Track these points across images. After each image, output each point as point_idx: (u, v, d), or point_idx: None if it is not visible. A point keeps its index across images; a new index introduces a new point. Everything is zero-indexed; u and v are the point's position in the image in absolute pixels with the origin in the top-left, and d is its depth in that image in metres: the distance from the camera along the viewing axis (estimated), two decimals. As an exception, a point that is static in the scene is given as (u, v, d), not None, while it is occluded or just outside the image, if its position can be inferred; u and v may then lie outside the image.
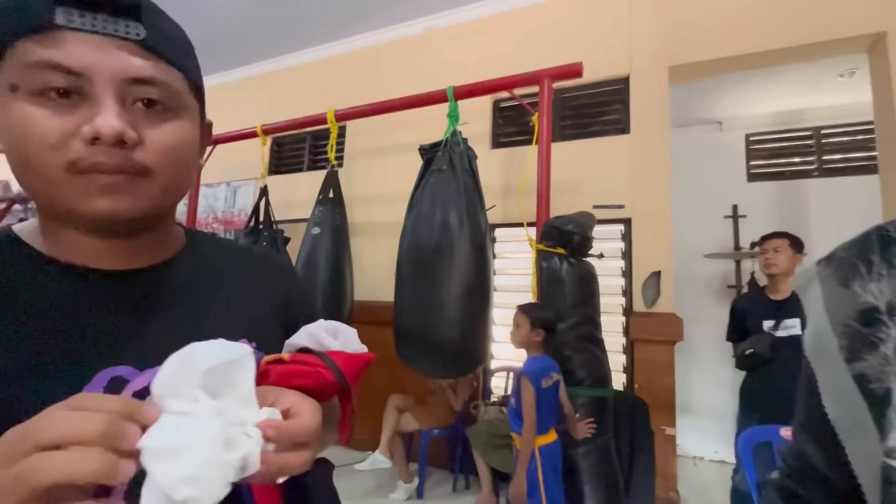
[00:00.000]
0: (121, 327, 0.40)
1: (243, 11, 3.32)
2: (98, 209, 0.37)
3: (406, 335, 2.01)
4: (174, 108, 0.40)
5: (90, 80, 0.36)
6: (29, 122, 0.35)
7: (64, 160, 0.35)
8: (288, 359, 0.41)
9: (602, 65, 2.69)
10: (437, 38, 3.26)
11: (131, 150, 0.37)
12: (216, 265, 0.50)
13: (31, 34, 0.35)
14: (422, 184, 2.06)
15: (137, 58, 0.37)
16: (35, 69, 0.35)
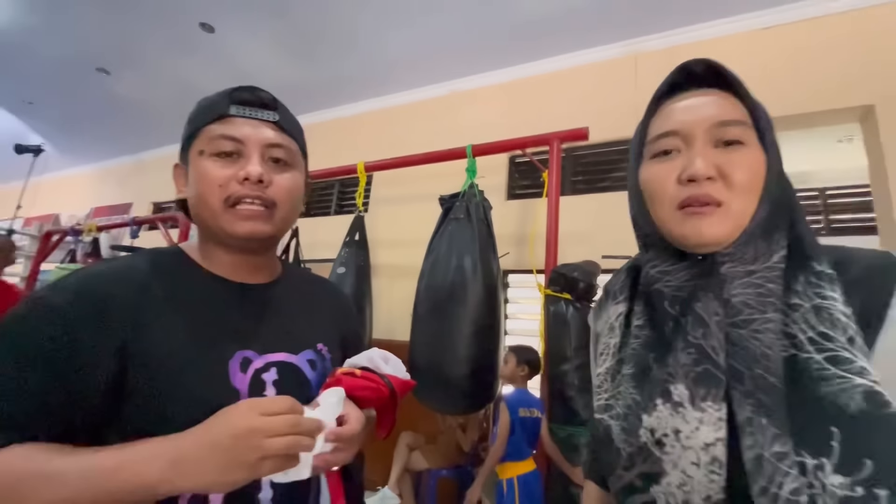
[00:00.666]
0: (245, 323, 0.59)
1: (287, 74, 3.73)
2: (242, 230, 0.57)
3: (420, 371, 2.13)
4: (291, 164, 0.62)
5: (245, 145, 0.58)
6: (207, 171, 0.57)
7: (224, 195, 0.56)
8: (359, 374, 0.59)
9: (610, 127, 2.92)
10: (459, 100, 3.59)
11: (265, 187, 0.57)
12: (302, 288, 0.69)
13: (215, 120, 0.58)
14: (440, 231, 2.25)
15: (272, 132, 0.60)
16: (215, 140, 0.57)
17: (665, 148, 0.48)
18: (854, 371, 0.37)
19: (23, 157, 4.64)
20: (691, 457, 0.42)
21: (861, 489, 0.34)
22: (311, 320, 0.66)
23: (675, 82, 0.51)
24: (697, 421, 0.42)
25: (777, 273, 0.43)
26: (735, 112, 0.46)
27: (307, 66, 3.61)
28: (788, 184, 0.48)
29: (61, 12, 3.27)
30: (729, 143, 0.45)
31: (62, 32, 3.51)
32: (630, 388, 0.49)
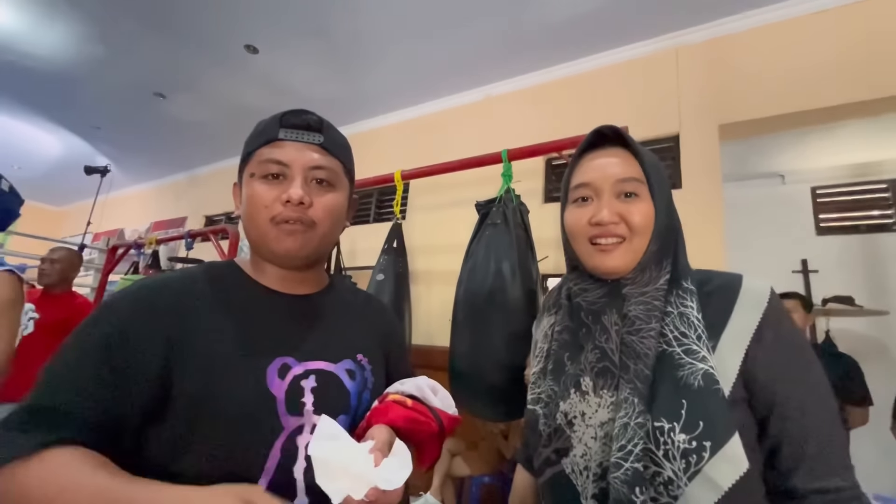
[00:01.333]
0: (289, 332, 0.62)
1: (326, 89, 3.87)
2: (285, 247, 0.61)
3: (460, 377, 2.13)
4: (334, 184, 0.65)
5: (290, 167, 0.61)
6: (256, 193, 0.61)
7: (269, 215, 0.60)
8: (410, 405, 0.60)
9: (651, 124, 2.83)
10: (494, 104, 3.59)
11: (307, 208, 0.61)
12: (346, 300, 0.72)
13: (265, 144, 0.62)
14: (477, 236, 2.25)
15: (317, 154, 0.63)
16: (263, 163, 0.61)
17: (582, 195, 0.63)
18: (698, 359, 0.52)
19: (91, 178, 5.05)
20: (591, 433, 0.57)
21: (695, 442, 0.49)
22: (352, 331, 0.68)
23: (592, 142, 0.66)
24: (597, 405, 0.57)
25: (661, 293, 0.58)
26: (631, 170, 0.61)
27: (345, 80, 3.73)
28: (675, 216, 0.63)
29: (122, 42, 3.56)
30: (627, 195, 0.60)
31: (123, 61, 3.81)
32: (549, 380, 0.64)
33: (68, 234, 7.69)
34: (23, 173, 7.33)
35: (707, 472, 0.48)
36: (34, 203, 8.82)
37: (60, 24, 3.40)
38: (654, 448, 0.51)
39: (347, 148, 0.70)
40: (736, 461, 0.48)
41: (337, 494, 0.45)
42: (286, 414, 0.55)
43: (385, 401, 0.60)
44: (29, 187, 7.97)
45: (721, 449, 0.48)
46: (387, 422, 0.56)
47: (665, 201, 0.61)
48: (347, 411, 0.61)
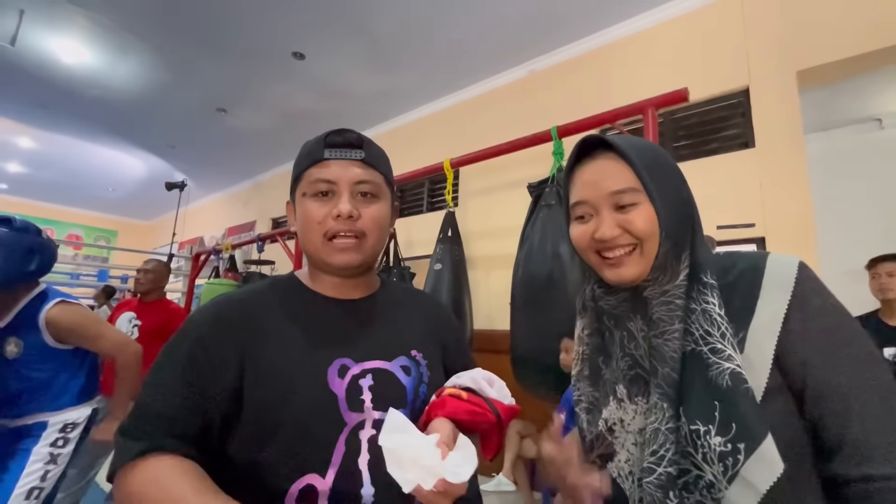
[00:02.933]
0: (346, 334, 0.66)
1: (372, 85, 3.94)
2: (339, 261, 0.66)
3: (523, 361, 2.13)
4: (377, 195, 0.69)
5: (337, 184, 0.66)
6: (308, 211, 0.66)
7: (322, 230, 0.65)
8: (466, 397, 0.61)
9: (716, 80, 2.59)
10: (540, 80, 3.46)
11: (356, 220, 0.65)
12: (399, 300, 0.74)
13: (313, 164, 0.66)
14: (532, 219, 2.21)
15: (360, 169, 0.67)
16: (313, 183, 0.66)
17: (580, 213, 0.62)
18: (724, 358, 0.51)
19: (172, 193, 5.56)
20: (631, 439, 0.57)
21: (730, 445, 0.48)
22: (405, 329, 0.71)
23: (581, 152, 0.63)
24: (633, 412, 0.58)
25: (682, 290, 0.56)
26: (625, 179, 0.58)
27: (390, 73, 3.77)
28: (689, 204, 0.60)
29: (185, 66, 3.84)
30: (625, 206, 0.58)
31: (187, 83, 4.12)
32: (587, 386, 0.65)
33: (158, 245, 8.55)
34: (116, 194, 8.23)
35: (744, 475, 0.47)
36: (128, 220, 9.88)
37: (132, 57, 3.74)
38: (692, 451, 0.50)
39: (386, 160, 0.73)
40: (771, 463, 0.47)
41: (407, 484, 0.47)
42: (348, 411, 0.59)
43: (442, 395, 0.62)
44: (122, 206, 8.94)
45: (755, 451, 0.47)
46: (444, 415, 0.58)
47: (670, 198, 0.58)
48: (404, 405, 0.63)
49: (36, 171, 7.18)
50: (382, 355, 0.65)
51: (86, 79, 4.09)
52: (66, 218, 9.13)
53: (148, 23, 3.29)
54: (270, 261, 4.63)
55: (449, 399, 0.60)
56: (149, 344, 2.35)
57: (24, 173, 7.29)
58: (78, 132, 5.48)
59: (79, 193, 8.23)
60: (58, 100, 4.51)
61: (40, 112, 4.86)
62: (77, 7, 3.14)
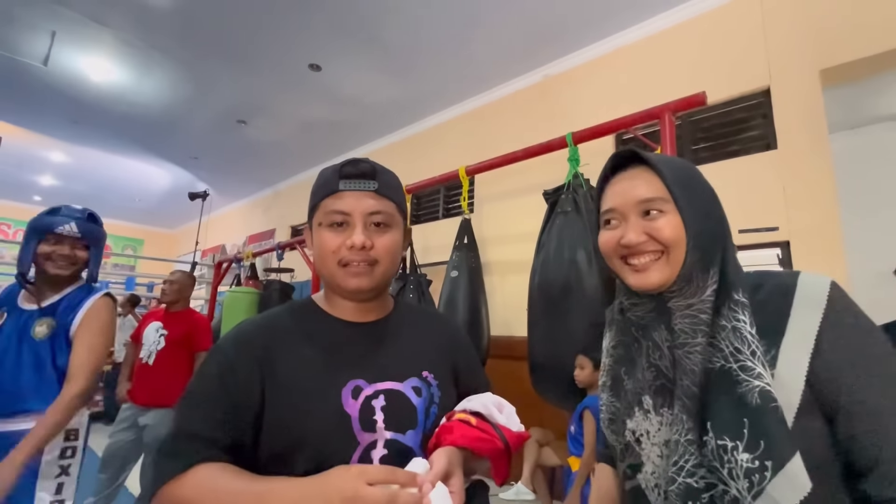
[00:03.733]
0: (360, 356, 0.68)
1: (387, 94, 3.99)
2: (351, 285, 0.68)
3: (541, 369, 2.11)
4: (390, 224, 0.71)
5: (351, 216, 0.68)
6: (324, 240, 0.68)
7: (337, 259, 0.68)
8: (475, 423, 0.63)
9: (735, 81, 2.54)
10: (554, 84, 3.45)
11: (368, 250, 0.67)
12: (411, 322, 0.76)
13: (328, 195, 0.69)
14: (548, 226, 2.20)
15: (373, 200, 0.69)
16: (328, 213, 0.68)
17: (608, 219, 0.65)
18: (754, 376, 0.51)
19: (195, 202, 5.72)
20: (657, 451, 0.58)
21: (757, 462, 0.48)
22: (417, 350, 0.73)
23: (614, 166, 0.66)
24: (659, 423, 0.58)
25: (708, 305, 0.57)
26: (654, 190, 0.60)
27: (404, 82, 3.81)
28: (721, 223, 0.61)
29: (207, 79, 3.95)
30: (652, 212, 0.60)
31: (209, 96, 4.24)
32: (609, 396, 0.66)
33: (182, 253, 8.78)
34: (143, 204, 8.50)
35: (770, 492, 0.47)
36: (154, 229, 10.19)
37: (157, 73, 3.87)
38: (719, 466, 0.50)
39: (399, 188, 0.75)
40: (797, 482, 0.47)
41: None
42: (361, 431, 0.62)
43: (451, 419, 0.63)
44: (149, 216, 9.22)
45: (782, 469, 0.47)
46: (452, 441, 0.60)
47: (700, 211, 0.59)
48: (415, 426, 0.65)
49: (68, 184, 7.48)
50: (394, 376, 0.67)
51: (114, 95, 4.25)
52: (95, 228, 9.45)
53: (171, 39, 3.41)
54: (290, 269, 4.71)
55: (457, 424, 0.62)
56: (175, 351, 2.42)
57: (56, 186, 7.60)
58: (107, 146, 5.69)
59: (107, 204, 8.54)
60: (88, 116, 4.69)
61: (72, 128, 5.07)
62: (104, 27, 3.27)
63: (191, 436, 0.59)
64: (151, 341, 2.43)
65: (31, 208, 8.70)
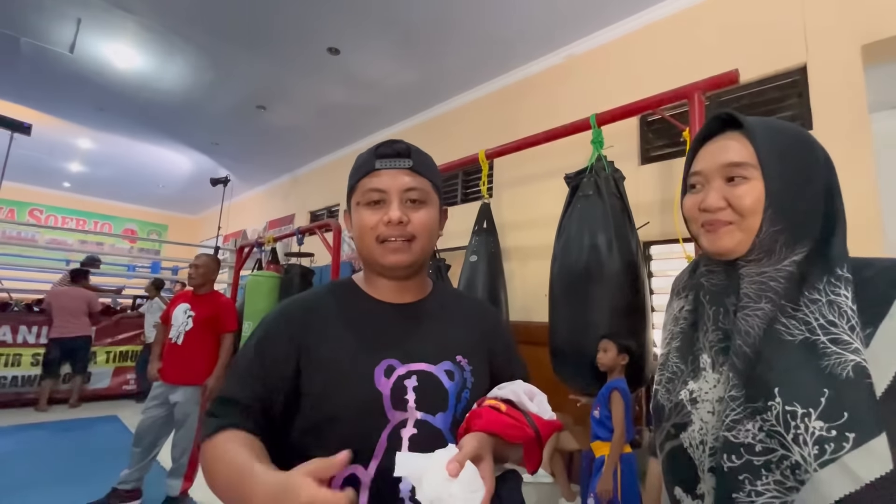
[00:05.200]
0: (395, 336, 0.69)
1: (406, 77, 3.95)
2: (390, 261, 0.70)
3: (562, 354, 2.11)
4: (425, 201, 0.72)
5: (388, 193, 0.69)
6: (363, 218, 0.70)
7: (375, 235, 0.69)
8: (504, 410, 0.62)
9: (770, 58, 2.43)
10: (577, 65, 3.36)
11: (405, 226, 0.69)
12: (449, 305, 0.77)
13: (365, 175, 0.71)
14: (569, 210, 2.17)
15: (408, 177, 0.71)
16: (366, 192, 0.70)
17: (693, 183, 0.64)
18: (850, 350, 0.50)
19: (217, 188, 5.82)
20: (707, 408, 0.59)
21: (835, 431, 0.48)
22: (452, 334, 0.73)
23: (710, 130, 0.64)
24: (715, 381, 0.59)
25: (783, 274, 0.56)
26: (742, 155, 0.59)
27: (423, 65, 3.76)
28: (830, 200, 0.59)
29: (227, 65, 3.98)
30: (735, 179, 0.59)
31: (230, 81, 4.27)
32: (675, 358, 0.66)
33: (204, 238, 8.99)
34: (166, 191, 8.70)
35: (846, 462, 0.47)
36: (177, 214, 10.43)
37: (179, 59, 3.91)
38: (782, 431, 0.50)
39: (433, 167, 0.77)
40: (881, 458, 0.46)
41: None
42: (392, 409, 0.63)
43: (482, 405, 0.63)
44: (172, 202, 9.44)
45: (867, 443, 0.47)
46: (481, 427, 0.59)
47: (795, 181, 0.57)
48: (446, 409, 0.66)
49: (95, 170, 7.69)
50: (428, 359, 0.68)
51: (138, 82, 4.32)
52: (121, 213, 9.75)
53: (191, 25, 3.43)
54: (310, 253, 4.77)
55: (487, 411, 0.61)
56: (202, 332, 2.50)
57: (84, 172, 7.82)
58: (132, 132, 5.81)
59: (132, 190, 8.76)
60: (113, 103, 4.79)
61: (98, 115, 5.19)
62: (128, 13, 3.31)
63: (226, 402, 0.64)
64: (180, 322, 2.51)
65: (62, 195, 9.01)
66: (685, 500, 0.59)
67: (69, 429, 3.96)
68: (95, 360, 4.94)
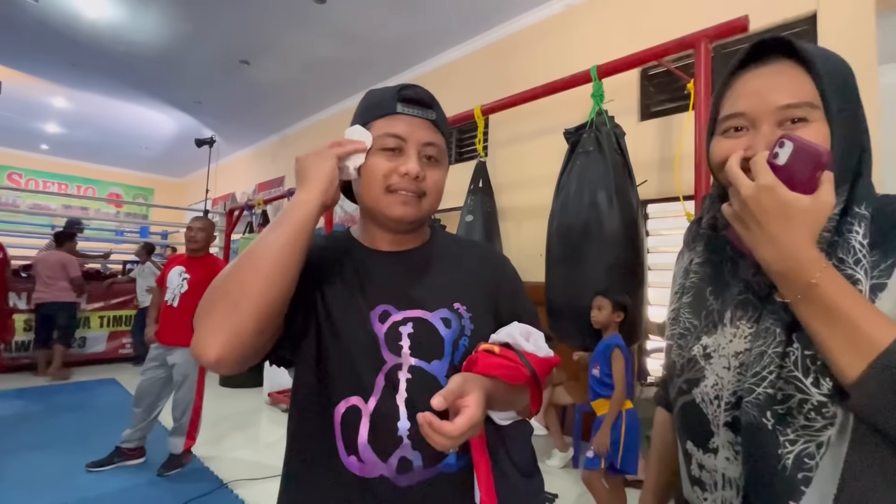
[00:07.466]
0: (390, 283, 0.68)
1: (396, 29, 3.75)
2: (397, 213, 0.66)
3: (559, 312, 2.12)
4: (440, 160, 0.69)
5: (406, 142, 0.65)
6: (374, 163, 0.66)
7: (385, 184, 0.65)
8: (498, 352, 0.61)
9: (779, 6, 2.33)
10: (577, 15, 3.20)
11: (420, 181, 0.65)
12: (448, 251, 0.74)
13: (383, 116, 0.66)
14: (568, 167, 2.12)
15: (430, 131, 0.67)
16: (383, 137, 0.65)
17: (734, 125, 0.54)
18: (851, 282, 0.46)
19: (202, 149, 5.62)
20: (723, 363, 0.55)
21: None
22: (450, 281, 0.71)
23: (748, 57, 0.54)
24: (732, 335, 0.55)
25: (832, 223, 0.49)
26: (801, 92, 0.50)
27: (415, 16, 3.57)
28: (863, 133, 0.52)
29: (207, 16, 3.74)
30: (793, 121, 0.50)
31: (210, 34, 4.03)
32: (687, 313, 0.62)
33: (193, 202, 8.81)
34: (150, 153, 8.42)
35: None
36: (163, 178, 10.16)
37: (153, 8, 3.66)
38: (801, 376, 0.48)
39: (448, 126, 0.74)
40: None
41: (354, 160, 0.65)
42: (387, 351, 0.64)
43: (477, 351, 0.63)
44: (157, 164, 9.16)
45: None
46: (477, 371, 0.59)
47: (849, 120, 0.50)
48: (441, 356, 0.65)
49: (73, 132, 7.38)
50: (424, 306, 0.67)
51: (111, 34, 4.06)
52: (105, 177, 9.46)
53: (166, -30, 3.19)
54: (302, 215, 4.70)
55: (482, 355, 0.61)
56: (197, 294, 2.46)
57: (62, 133, 7.51)
58: (109, 90, 5.54)
59: (115, 152, 8.46)
60: (87, 57, 4.52)
61: (72, 71, 4.91)
62: (95, -44, 3.06)
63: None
64: (175, 285, 2.48)
65: (40, 157, 8.69)
66: (696, 454, 0.58)
67: (67, 392, 4.00)
68: (89, 325, 4.93)
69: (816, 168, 0.44)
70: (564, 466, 2.53)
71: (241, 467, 2.49)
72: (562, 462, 2.52)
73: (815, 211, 0.45)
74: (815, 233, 0.45)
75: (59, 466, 2.43)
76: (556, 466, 2.51)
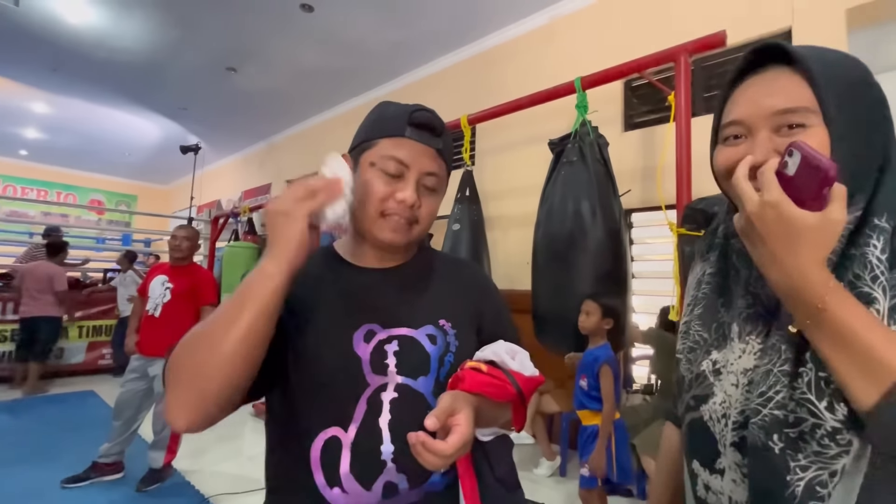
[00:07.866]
0: (377, 301, 0.67)
1: (385, 38, 3.77)
2: (387, 238, 0.65)
3: (545, 321, 2.14)
4: (439, 190, 0.69)
5: (409, 169, 0.65)
6: (372, 184, 0.64)
7: (380, 207, 0.64)
8: (485, 370, 0.62)
9: (755, 21, 2.40)
10: (562, 27, 3.26)
11: (415, 210, 0.65)
12: (433, 268, 0.74)
13: (391, 137, 0.65)
14: (553, 177, 2.15)
15: (433, 161, 0.67)
16: (386, 158, 0.64)
17: (733, 133, 0.53)
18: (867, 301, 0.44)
19: (187, 156, 5.56)
20: (731, 380, 0.53)
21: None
22: (435, 297, 0.71)
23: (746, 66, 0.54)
24: (741, 351, 0.53)
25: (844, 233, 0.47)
26: (797, 97, 0.48)
27: (402, 24, 3.60)
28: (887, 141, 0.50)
29: (193, 22, 3.72)
30: (791, 127, 0.48)
31: (196, 40, 4.01)
32: (697, 326, 0.60)
33: (177, 209, 8.68)
34: (133, 159, 8.29)
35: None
36: (146, 184, 10.00)
37: (137, 14, 3.63)
38: (814, 399, 0.45)
39: (452, 152, 0.73)
40: None
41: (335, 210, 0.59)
42: (371, 373, 0.62)
43: (463, 369, 0.63)
44: (141, 171, 9.02)
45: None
46: (464, 389, 0.59)
47: (857, 125, 0.49)
48: (427, 373, 0.65)
49: (53, 137, 7.24)
50: (409, 323, 0.66)
51: (93, 39, 4.01)
52: (86, 183, 9.28)
53: (151, -23, 3.17)
54: (288, 223, 4.66)
55: (468, 373, 0.61)
56: (180, 304, 2.43)
57: (42, 139, 7.36)
58: (91, 96, 5.45)
59: (97, 159, 8.32)
60: (68, 63, 4.45)
61: (52, 76, 4.83)
62: (78, -38, 3.03)
63: None
64: (157, 294, 2.43)
65: (19, 163, 8.50)
66: (703, 474, 0.56)
67: (44, 405, 3.88)
68: (67, 335, 4.80)
69: (823, 184, 0.41)
70: (552, 475, 2.52)
71: (224, 481, 2.44)
72: (549, 470, 2.52)
73: (822, 230, 0.41)
74: (823, 253, 0.43)
75: (32, 482, 2.35)
76: (544, 475, 2.50)
